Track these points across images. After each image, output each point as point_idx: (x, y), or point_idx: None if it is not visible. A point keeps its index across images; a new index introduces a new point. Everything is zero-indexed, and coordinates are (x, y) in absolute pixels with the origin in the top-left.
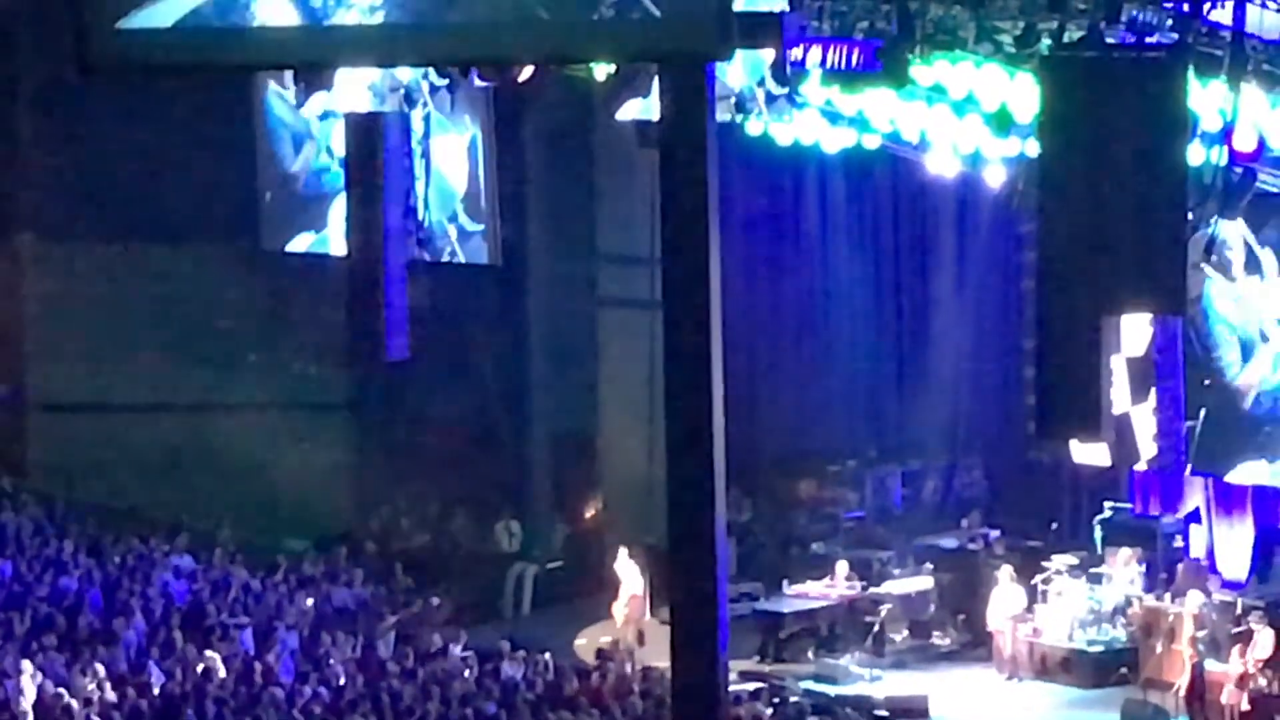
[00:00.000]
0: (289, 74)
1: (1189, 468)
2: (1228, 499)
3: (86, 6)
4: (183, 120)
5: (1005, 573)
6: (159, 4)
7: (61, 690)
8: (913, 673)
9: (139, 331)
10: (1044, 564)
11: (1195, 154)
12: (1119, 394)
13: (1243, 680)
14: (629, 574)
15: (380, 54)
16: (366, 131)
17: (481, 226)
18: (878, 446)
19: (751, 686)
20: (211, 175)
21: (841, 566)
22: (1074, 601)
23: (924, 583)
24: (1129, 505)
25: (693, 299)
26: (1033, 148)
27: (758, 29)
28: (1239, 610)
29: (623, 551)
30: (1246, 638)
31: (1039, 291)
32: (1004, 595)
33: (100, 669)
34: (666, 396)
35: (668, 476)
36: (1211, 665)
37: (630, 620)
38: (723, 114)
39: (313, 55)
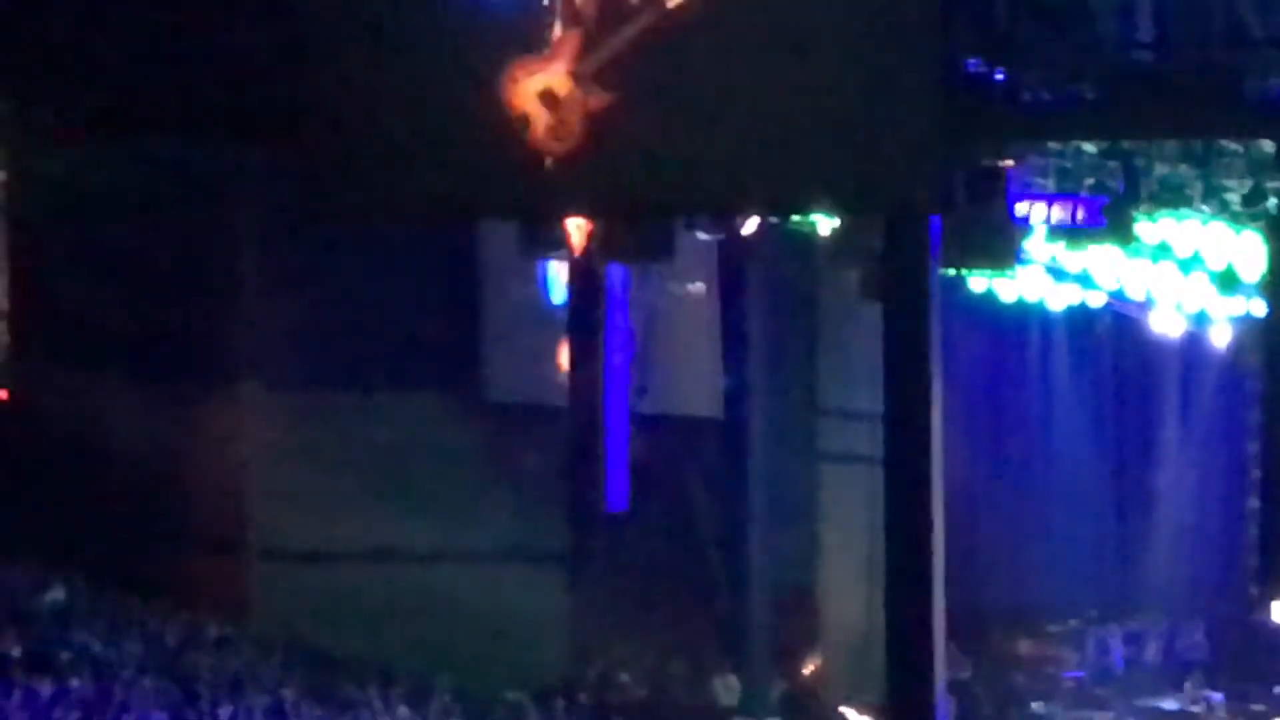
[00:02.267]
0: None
1: None
2: None
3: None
4: (406, 266)
5: None
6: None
7: None
8: None
9: (359, 479)
10: None
11: None
12: None
13: None
14: None
15: (603, 205)
16: (590, 280)
17: (703, 378)
18: (1099, 605)
19: None
20: (435, 322)
21: None
22: None
23: None
24: None
25: (914, 455)
26: (1259, 307)
27: (983, 184)
28: None
29: (849, 708)
30: None
31: (1265, 451)
32: None
33: None
34: (887, 552)
35: (887, 632)
36: None
37: None
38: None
39: (532, 205)
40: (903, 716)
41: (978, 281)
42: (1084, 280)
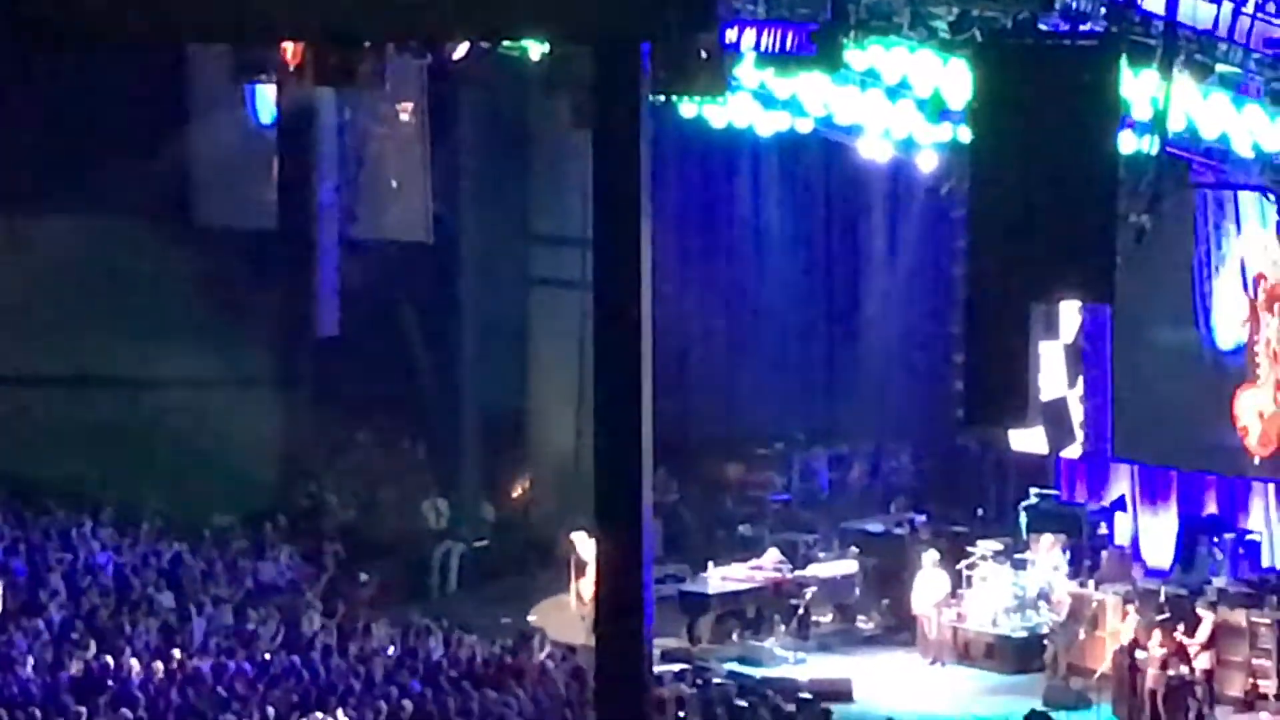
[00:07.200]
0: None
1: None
2: (1152, 487)
3: None
4: (115, 91)
5: (929, 558)
6: None
7: None
8: (837, 656)
9: (63, 304)
10: (969, 550)
11: (1127, 143)
12: (1052, 380)
13: (1164, 665)
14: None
15: (312, 30)
16: (300, 107)
17: (414, 204)
18: (805, 430)
19: (676, 667)
20: (144, 148)
21: (771, 552)
22: (998, 587)
23: (849, 566)
24: (1055, 492)
25: (623, 280)
26: (965, 134)
27: (693, 10)
28: (1162, 598)
29: (582, 533)
30: (1171, 625)
31: (969, 278)
32: (928, 580)
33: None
34: (595, 377)
35: (595, 456)
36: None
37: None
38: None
39: (240, 29)
40: (609, 538)
41: (688, 107)
42: (793, 107)
